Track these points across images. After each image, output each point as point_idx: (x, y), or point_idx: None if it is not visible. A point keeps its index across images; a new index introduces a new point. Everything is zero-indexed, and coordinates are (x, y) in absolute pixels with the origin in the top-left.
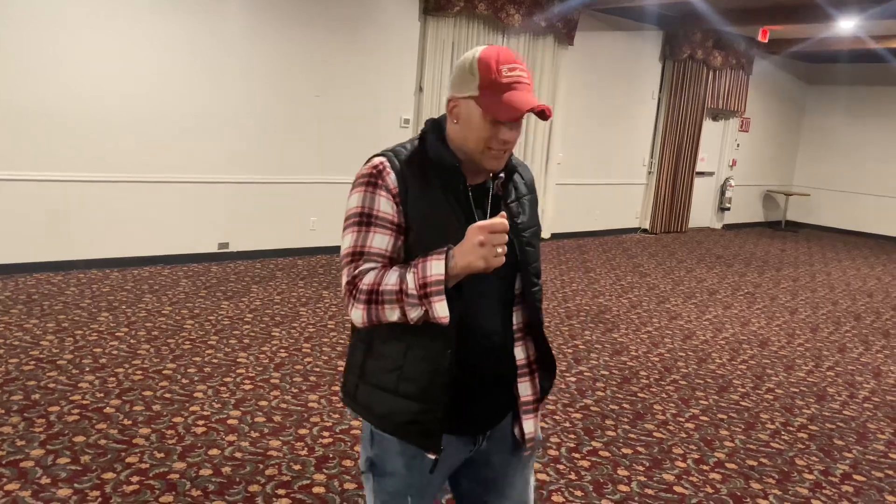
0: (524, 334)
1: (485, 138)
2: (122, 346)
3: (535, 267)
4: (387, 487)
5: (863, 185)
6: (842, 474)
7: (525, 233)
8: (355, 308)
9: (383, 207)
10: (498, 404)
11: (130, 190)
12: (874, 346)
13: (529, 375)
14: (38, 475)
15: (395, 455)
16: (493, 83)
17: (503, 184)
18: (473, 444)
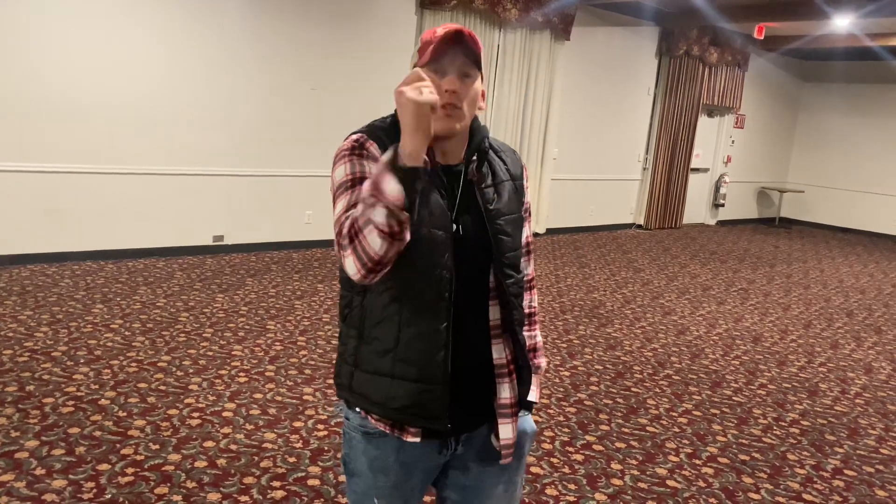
0: (501, 332)
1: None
2: (116, 338)
3: (512, 257)
4: (355, 488)
5: (857, 183)
6: (833, 469)
7: (499, 220)
8: (346, 256)
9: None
10: (472, 406)
11: (125, 182)
12: (866, 343)
13: (508, 377)
14: (33, 466)
15: (360, 455)
16: (427, 42)
17: (477, 167)
18: (446, 447)
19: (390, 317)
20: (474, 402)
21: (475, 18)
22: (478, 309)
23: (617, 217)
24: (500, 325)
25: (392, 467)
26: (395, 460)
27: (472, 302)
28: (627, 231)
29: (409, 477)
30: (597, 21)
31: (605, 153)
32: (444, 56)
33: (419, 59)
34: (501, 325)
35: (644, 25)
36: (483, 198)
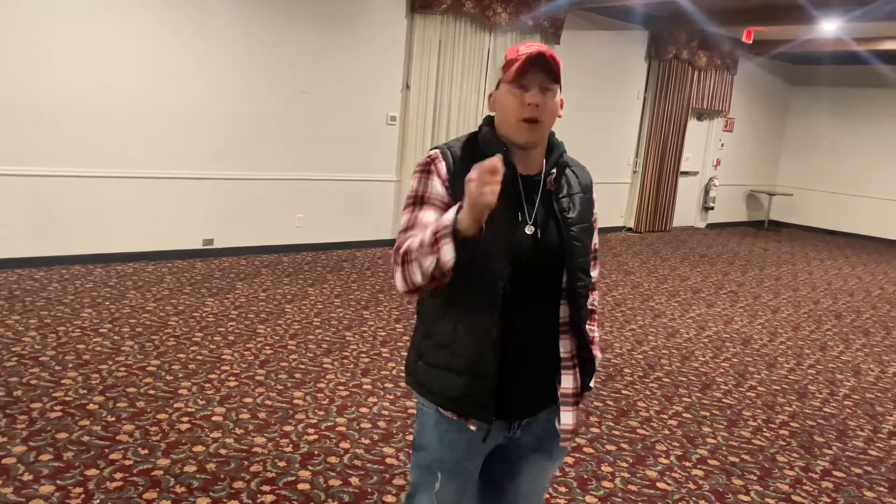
0: (569, 328)
1: (515, 109)
2: (105, 342)
3: (584, 262)
4: (420, 461)
5: (845, 186)
6: (822, 470)
7: (574, 227)
8: (396, 272)
9: (436, 189)
10: (537, 394)
11: (114, 185)
12: (854, 345)
13: (572, 369)
14: (21, 472)
15: (430, 429)
16: (511, 60)
17: (555, 178)
18: (508, 430)
19: (449, 315)
20: (537, 390)
21: (466, 22)
22: (550, 305)
23: (607, 220)
24: (569, 322)
25: (460, 444)
26: (463, 439)
27: (544, 299)
28: (618, 234)
29: (473, 456)
30: (587, 25)
31: (595, 156)
32: (527, 74)
33: (504, 74)
34: (569, 321)
35: (634, 29)
36: (559, 206)
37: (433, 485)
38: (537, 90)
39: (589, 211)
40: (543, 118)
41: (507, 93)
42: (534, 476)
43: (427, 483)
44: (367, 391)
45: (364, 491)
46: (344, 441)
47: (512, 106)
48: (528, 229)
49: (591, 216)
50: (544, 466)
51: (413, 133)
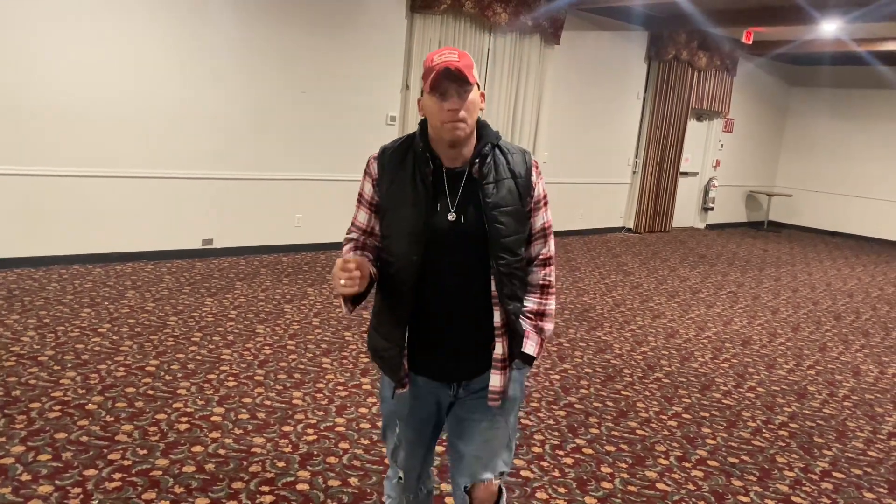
0: (498, 301)
1: (437, 114)
2: (104, 342)
3: (507, 242)
4: (383, 411)
5: (844, 187)
6: (821, 471)
7: (494, 210)
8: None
9: (367, 189)
10: (472, 359)
11: (114, 185)
12: (854, 346)
13: (502, 337)
14: (19, 472)
15: (386, 385)
16: (428, 70)
17: (479, 167)
18: (448, 388)
19: (378, 294)
20: (476, 355)
21: (465, 22)
22: (481, 281)
23: (607, 221)
24: (497, 296)
25: (406, 399)
26: (409, 392)
27: (476, 276)
28: (617, 234)
29: (422, 406)
30: (586, 25)
31: (594, 157)
32: (442, 84)
33: (423, 84)
34: (498, 297)
35: (633, 30)
36: (483, 193)
37: (395, 429)
38: (455, 97)
39: (517, 194)
40: (464, 118)
41: (429, 100)
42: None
43: (390, 426)
44: (366, 391)
45: (363, 491)
46: (343, 441)
47: (434, 111)
48: (450, 216)
49: (521, 200)
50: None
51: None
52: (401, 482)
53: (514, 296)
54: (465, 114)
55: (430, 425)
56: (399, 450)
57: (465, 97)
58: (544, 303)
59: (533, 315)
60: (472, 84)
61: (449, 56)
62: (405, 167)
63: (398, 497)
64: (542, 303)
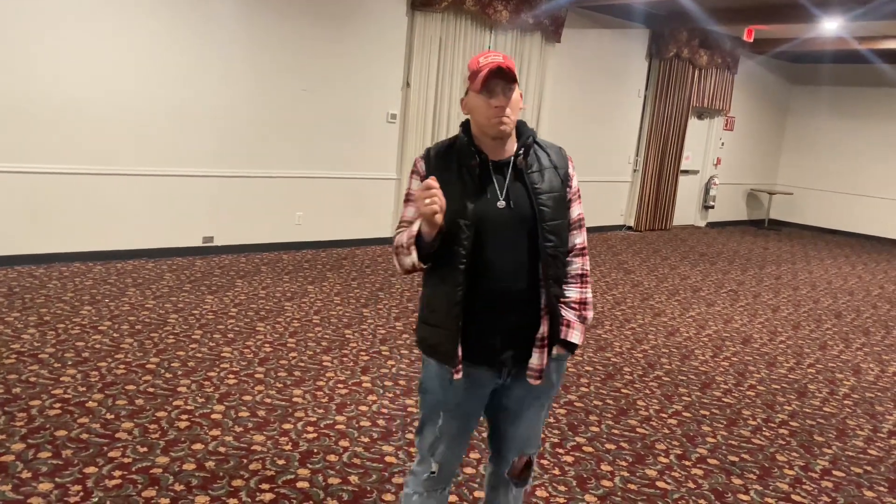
0: (544, 283)
1: (484, 111)
2: (104, 339)
3: (552, 225)
4: (426, 403)
5: (845, 185)
6: (822, 470)
7: (542, 196)
8: (393, 259)
9: (415, 188)
10: (521, 343)
11: (115, 183)
12: (854, 344)
13: (544, 319)
14: (19, 469)
15: (433, 376)
16: (475, 72)
17: (524, 157)
18: (499, 377)
19: (429, 283)
20: (520, 341)
21: (466, 20)
22: (529, 266)
23: (607, 219)
24: (542, 278)
25: (457, 389)
26: (461, 384)
27: (526, 260)
28: (618, 232)
29: (470, 398)
30: (587, 23)
31: (595, 155)
32: (490, 83)
33: (471, 84)
34: (544, 278)
35: (634, 28)
36: (529, 180)
37: (437, 421)
38: (501, 95)
39: (559, 183)
40: (509, 114)
41: (476, 99)
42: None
43: (432, 419)
44: (366, 389)
45: (363, 489)
46: (343, 439)
47: (481, 109)
48: (500, 203)
49: (563, 188)
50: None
51: (413, 131)
52: (433, 476)
53: (558, 279)
54: (510, 111)
55: (475, 418)
56: (438, 443)
57: (509, 95)
58: (584, 291)
59: (577, 304)
60: (516, 83)
61: (495, 58)
62: (451, 163)
63: (427, 492)
64: (583, 291)
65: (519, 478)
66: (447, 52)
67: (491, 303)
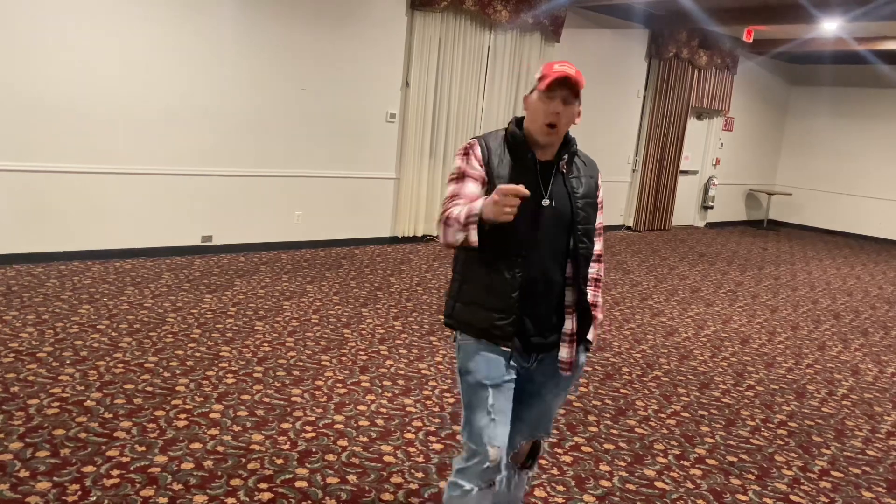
0: (573, 281)
1: (541, 112)
2: (103, 338)
3: (586, 229)
4: (471, 381)
5: (844, 186)
6: (820, 470)
7: (579, 200)
8: (440, 229)
9: (474, 167)
10: (549, 334)
11: (113, 181)
12: (853, 345)
13: (572, 315)
14: (17, 468)
15: (475, 355)
16: (545, 75)
17: (567, 163)
18: (527, 361)
19: (485, 266)
20: (549, 330)
21: (466, 20)
22: (560, 263)
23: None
24: (572, 277)
25: (500, 363)
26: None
27: (556, 258)
28: (617, 233)
29: (510, 372)
30: (587, 23)
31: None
32: (555, 89)
33: (538, 84)
34: (573, 276)
35: (634, 28)
36: (570, 184)
37: (486, 399)
38: (560, 102)
39: (593, 190)
40: (561, 124)
41: (537, 100)
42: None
43: (480, 399)
44: (365, 389)
45: (362, 489)
46: (342, 439)
47: (539, 111)
48: (545, 201)
49: (595, 195)
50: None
51: (412, 131)
52: (490, 466)
53: (587, 279)
54: (564, 120)
55: (514, 393)
56: (493, 425)
57: (568, 108)
58: (597, 294)
59: (591, 305)
60: (577, 99)
61: (568, 69)
62: (504, 155)
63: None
64: (596, 294)
65: (524, 463)
66: (447, 51)
67: (528, 292)
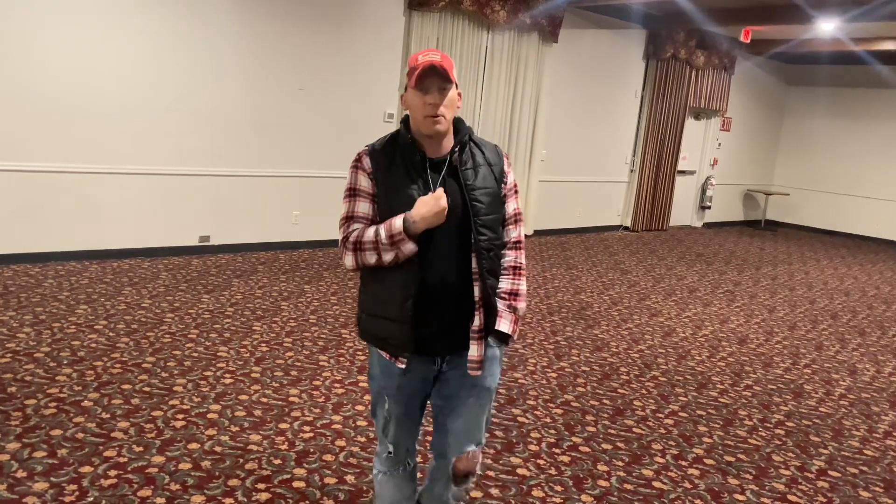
0: (479, 276)
1: (419, 107)
2: (100, 339)
3: (486, 220)
4: (373, 388)
5: (841, 186)
6: (817, 470)
7: (474, 192)
8: (346, 255)
9: (363, 184)
10: (454, 334)
11: (110, 182)
12: (850, 344)
13: (479, 310)
14: (14, 469)
15: (375, 363)
16: (413, 68)
17: (459, 154)
18: (433, 364)
19: (379, 278)
20: (453, 330)
21: (463, 20)
22: (463, 259)
23: (604, 219)
24: (477, 271)
25: (395, 375)
26: (397, 372)
27: (458, 254)
28: (614, 233)
29: (410, 382)
30: (585, 23)
31: (592, 155)
32: (425, 80)
33: (409, 81)
34: (479, 271)
35: (631, 28)
36: (463, 176)
37: (384, 405)
38: (436, 92)
39: (492, 179)
40: (443, 113)
41: (412, 95)
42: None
43: (380, 402)
44: (363, 388)
45: (359, 489)
46: (340, 439)
47: (417, 105)
48: None
49: (496, 184)
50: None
51: None
52: (390, 456)
53: (493, 271)
54: (444, 109)
55: (418, 400)
56: (389, 424)
57: (444, 94)
58: (517, 283)
59: (507, 294)
60: (451, 82)
61: (432, 56)
62: (395, 159)
63: (389, 471)
64: (515, 283)
65: (457, 480)
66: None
67: (428, 295)
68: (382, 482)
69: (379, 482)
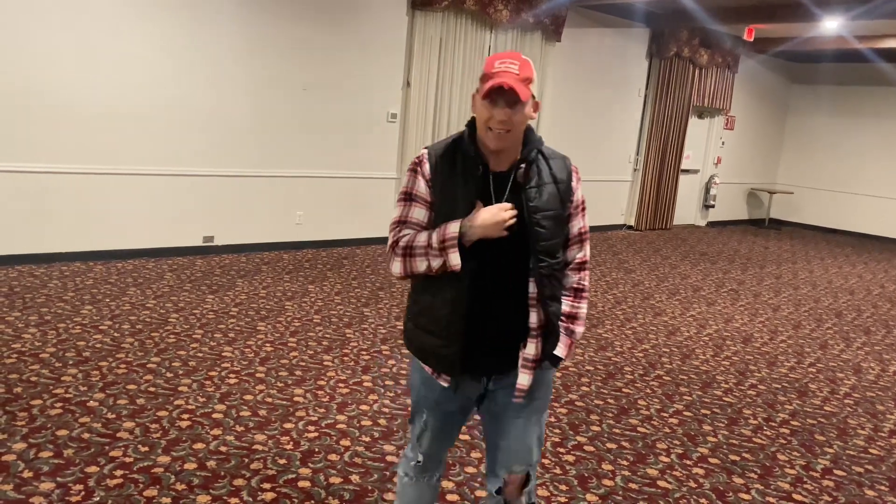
0: (536, 302)
1: (484, 119)
2: (105, 339)
3: (546, 245)
4: (413, 398)
5: (845, 184)
6: (822, 469)
7: (536, 214)
8: (395, 261)
9: (420, 188)
10: (504, 356)
11: (115, 182)
12: (855, 343)
13: (536, 338)
14: (21, 469)
15: (416, 372)
16: (486, 75)
17: (525, 172)
18: (479, 382)
19: (430, 291)
20: (504, 352)
21: (466, 19)
22: (519, 281)
23: (608, 218)
24: (536, 297)
25: (436, 390)
26: (438, 387)
27: (514, 275)
28: (618, 232)
29: (451, 399)
30: (588, 22)
31: (595, 154)
32: (492, 95)
33: (481, 85)
34: (537, 297)
35: (635, 27)
36: (526, 196)
37: (422, 416)
38: (505, 107)
39: (559, 199)
40: (510, 129)
41: (480, 104)
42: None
43: (419, 412)
44: (367, 388)
45: (365, 489)
46: (344, 438)
47: (483, 116)
48: None
49: (562, 205)
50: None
51: (413, 131)
52: (419, 465)
53: (555, 297)
54: (512, 127)
55: (458, 416)
56: (425, 435)
57: (514, 110)
58: (577, 306)
59: (565, 317)
60: (523, 99)
61: (510, 66)
62: (455, 167)
63: (415, 477)
64: (575, 306)
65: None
66: (447, 51)
67: (479, 317)
68: (406, 485)
69: (403, 485)
